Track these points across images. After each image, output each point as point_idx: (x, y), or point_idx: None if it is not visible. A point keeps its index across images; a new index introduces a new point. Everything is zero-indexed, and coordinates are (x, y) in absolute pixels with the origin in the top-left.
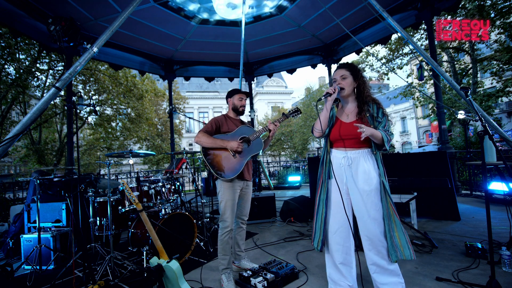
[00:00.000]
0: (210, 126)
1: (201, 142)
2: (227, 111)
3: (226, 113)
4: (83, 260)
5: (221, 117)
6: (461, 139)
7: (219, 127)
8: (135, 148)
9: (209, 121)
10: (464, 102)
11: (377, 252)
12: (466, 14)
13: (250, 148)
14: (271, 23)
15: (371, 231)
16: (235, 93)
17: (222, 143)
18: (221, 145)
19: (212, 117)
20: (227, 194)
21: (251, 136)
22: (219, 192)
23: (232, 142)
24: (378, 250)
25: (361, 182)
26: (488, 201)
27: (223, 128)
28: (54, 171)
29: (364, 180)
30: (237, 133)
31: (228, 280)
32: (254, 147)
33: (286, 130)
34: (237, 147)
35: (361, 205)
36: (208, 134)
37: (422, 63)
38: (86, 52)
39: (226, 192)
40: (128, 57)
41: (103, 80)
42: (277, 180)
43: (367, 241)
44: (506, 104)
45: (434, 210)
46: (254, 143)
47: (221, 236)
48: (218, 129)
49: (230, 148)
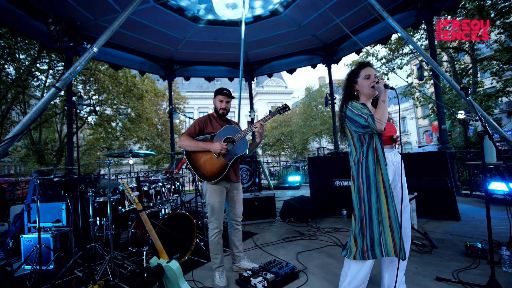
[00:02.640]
0: (193, 128)
1: (183, 146)
2: (213, 110)
3: (212, 112)
4: (83, 260)
5: (205, 117)
6: (461, 139)
7: (203, 128)
8: (135, 148)
9: (193, 123)
10: (464, 102)
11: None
12: (466, 14)
13: (235, 148)
14: (271, 23)
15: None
16: (217, 94)
17: (204, 145)
18: (204, 148)
19: (196, 118)
20: (213, 196)
21: (235, 136)
22: (205, 194)
23: (215, 144)
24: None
25: (401, 180)
26: (488, 201)
27: (208, 129)
28: (54, 171)
29: (402, 179)
30: (222, 134)
31: (220, 276)
32: (240, 148)
33: (286, 130)
34: (220, 149)
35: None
36: (191, 137)
37: (422, 63)
38: (86, 52)
39: (213, 195)
40: (128, 57)
41: (103, 80)
42: (277, 180)
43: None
44: (506, 104)
45: (434, 210)
46: (239, 143)
47: (211, 237)
48: (202, 130)
49: (213, 150)
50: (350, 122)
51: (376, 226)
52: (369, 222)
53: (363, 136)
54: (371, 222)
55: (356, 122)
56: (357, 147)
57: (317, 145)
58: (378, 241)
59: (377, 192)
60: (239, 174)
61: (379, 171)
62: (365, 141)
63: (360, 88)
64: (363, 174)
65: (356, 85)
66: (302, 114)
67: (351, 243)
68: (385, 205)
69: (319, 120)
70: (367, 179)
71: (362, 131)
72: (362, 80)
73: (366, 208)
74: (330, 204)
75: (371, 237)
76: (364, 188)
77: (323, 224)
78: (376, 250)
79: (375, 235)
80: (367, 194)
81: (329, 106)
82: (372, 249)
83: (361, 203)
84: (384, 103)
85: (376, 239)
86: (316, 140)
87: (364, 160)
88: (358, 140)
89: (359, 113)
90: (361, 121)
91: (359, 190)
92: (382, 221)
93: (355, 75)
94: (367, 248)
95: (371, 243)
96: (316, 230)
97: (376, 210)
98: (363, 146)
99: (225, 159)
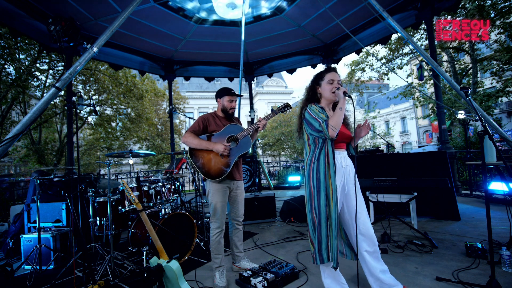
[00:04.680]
0: (197, 126)
1: (187, 142)
2: (216, 110)
3: (215, 111)
4: (83, 260)
5: (208, 115)
6: (461, 139)
7: (206, 126)
8: (135, 148)
9: (196, 120)
10: (464, 102)
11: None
12: (466, 14)
13: (239, 147)
14: (271, 23)
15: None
16: (225, 94)
17: (208, 145)
18: (207, 147)
19: (199, 116)
20: (216, 196)
21: (239, 134)
22: (209, 193)
23: (219, 145)
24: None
25: (354, 181)
26: (488, 201)
27: (211, 127)
28: (54, 171)
29: (354, 180)
30: (225, 133)
31: (220, 276)
32: (243, 146)
33: (286, 130)
34: (223, 151)
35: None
36: (195, 134)
37: (422, 63)
38: (86, 52)
39: (216, 194)
40: (128, 57)
41: (103, 80)
42: (277, 180)
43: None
44: (506, 104)
45: (434, 210)
46: (242, 142)
47: (212, 236)
48: (206, 128)
49: (216, 151)
50: (306, 124)
51: (324, 230)
52: (319, 225)
53: (317, 139)
54: (320, 225)
55: (312, 125)
56: (311, 147)
57: None
58: (325, 244)
59: (327, 195)
60: (241, 172)
61: (328, 175)
62: (318, 144)
63: (322, 91)
64: (314, 177)
65: (319, 88)
66: None
67: (310, 246)
68: (332, 209)
69: None
70: (317, 183)
71: (316, 135)
72: (325, 83)
73: (316, 211)
74: None
75: (319, 241)
76: (315, 191)
77: None
78: (323, 254)
79: (322, 238)
80: (317, 198)
81: None
82: (319, 253)
83: (312, 206)
84: (341, 110)
85: (324, 243)
86: None
87: (316, 164)
88: (313, 142)
89: (316, 116)
90: (316, 125)
91: (310, 193)
92: (330, 225)
93: (319, 78)
94: (315, 251)
95: (319, 247)
96: None
97: (325, 214)
98: (316, 148)
99: (228, 158)
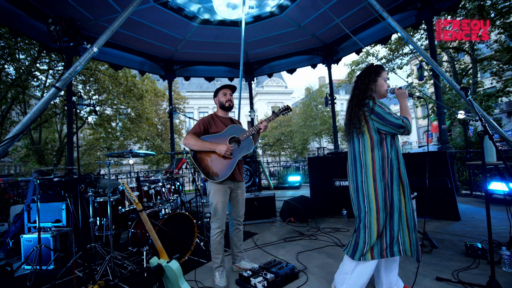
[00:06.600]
0: (198, 127)
1: (189, 144)
2: (216, 110)
3: (214, 112)
4: (83, 260)
5: (208, 117)
6: (461, 139)
7: (207, 128)
8: (135, 148)
9: (197, 122)
10: (464, 102)
11: None
12: (466, 14)
13: (241, 148)
14: (271, 23)
15: None
16: (218, 90)
17: (210, 146)
18: (210, 148)
19: (200, 118)
20: (217, 196)
21: (240, 136)
22: (210, 193)
23: (221, 146)
24: None
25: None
26: (488, 201)
27: (212, 129)
28: (54, 171)
29: None
30: (226, 134)
31: (220, 276)
32: (245, 147)
33: (286, 130)
34: (226, 152)
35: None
36: (196, 135)
37: (422, 63)
38: (86, 52)
39: (217, 194)
40: (128, 57)
41: (103, 80)
42: (277, 180)
43: None
44: (506, 104)
45: (434, 210)
46: (245, 143)
47: (213, 236)
48: (207, 130)
49: (219, 151)
50: (378, 118)
51: (396, 224)
52: (390, 219)
53: (384, 135)
54: (392, 219)
55: (387, 120)
56: (375, 142)
57: (317, 145)
58: (396, 239)
59: (399, 190)
60: (243, 173)
61: (399, 170)
62: (385, 139)
63: (378, 87)
64: (388, 172)
65: (375, 83)
66: (302, 114)
67: (361, 243)
68: (403, 204)
69: (319, 120)
70: (391, 177)
71: (391, 130)
72: (382, 80)
73: (388, 204)
74: (330, 204)
75: (391, 235)
76: (389, 186)
77: (323, 224)
78: (394, 247)
79: (394, 232)
80: (391, 192)
81: (329, 106)
82: (391, 246)
83: (386, 201)
84: (407, 107)
85: (395, 237)
86: (316, 140)
87: (389, 159)
88: (378, 137)
89: (389, 111)
90: (396, 121)
91: (386, 187)
92: (401, 220)
93: (377, 74)
94: (386, 246)
95: (390, 241)
96: (316, 230)
97: (398, 208)
98: (383, 144)
99: (231, 159)
